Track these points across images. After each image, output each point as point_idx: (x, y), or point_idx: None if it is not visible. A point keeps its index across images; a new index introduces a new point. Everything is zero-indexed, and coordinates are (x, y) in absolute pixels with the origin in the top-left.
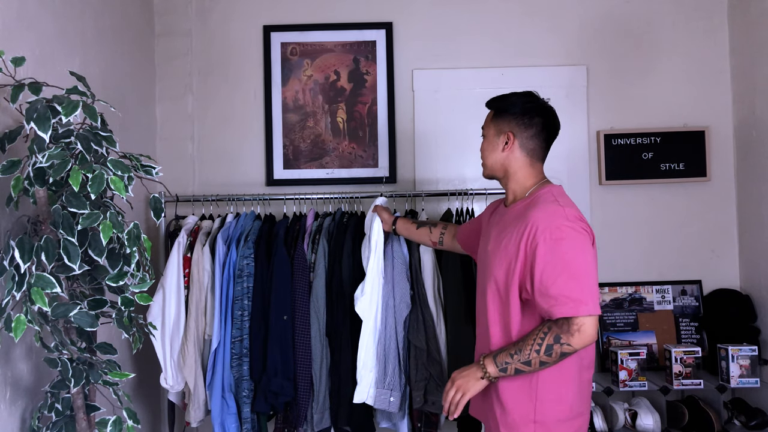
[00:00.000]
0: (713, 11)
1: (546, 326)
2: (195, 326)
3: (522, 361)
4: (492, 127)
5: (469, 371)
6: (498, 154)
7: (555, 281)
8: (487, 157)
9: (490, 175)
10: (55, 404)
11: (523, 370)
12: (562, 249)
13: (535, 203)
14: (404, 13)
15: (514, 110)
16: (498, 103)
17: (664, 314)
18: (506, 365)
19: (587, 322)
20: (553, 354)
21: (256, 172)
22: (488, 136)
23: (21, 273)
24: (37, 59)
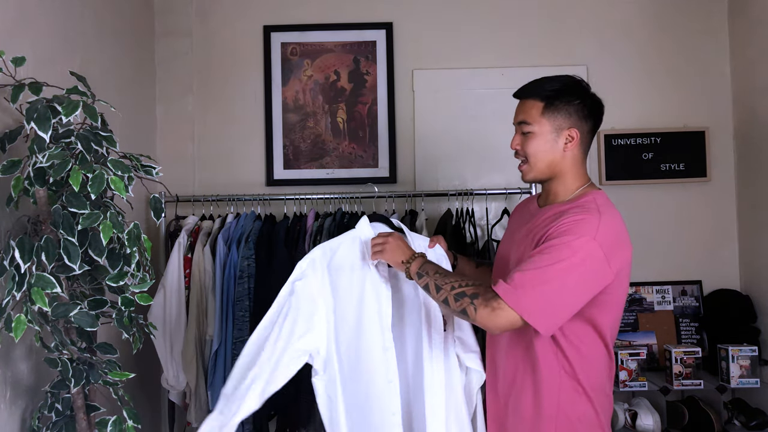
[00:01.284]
0: (713, 12)
1: (482, 285)
2: (196, 326)
3: (436, 284)
4: (546, 122)
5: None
6: (556, 155)
7: (525, 270)
8: (542, 159)
9: (538, 178)
10: (55, 404)
11: (428, 292)
12: (561, 254)
13: (579, 208)
14: (404, 13)
15: (572, 99)
16: (548, 90)
17: (664, 314)
18: (425, 275)
19: (507, 314)
20: (459, 305)
21: (256, 172)
22: (541, 134)
23: (21, 273)
24: (37, 59)
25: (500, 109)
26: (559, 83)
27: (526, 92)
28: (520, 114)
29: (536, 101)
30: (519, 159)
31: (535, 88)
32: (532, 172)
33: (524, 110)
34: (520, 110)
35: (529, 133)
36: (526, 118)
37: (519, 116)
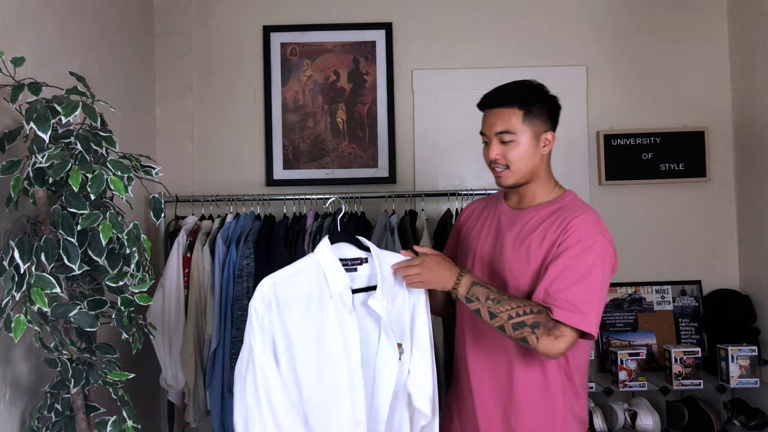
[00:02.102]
0: (713, 11)
1: (537, 307)
2: (195, 326)
3: (490, 311)
4: (527, 129)
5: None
6: (536, 159)
7: (567, 288)
8: (526, 165)
9: (518, 183)
10: (54, 404)
11: (480, 316)
12: (589, 259)
13: (570, 209)
14: (404, 13)
15: (544, 104)
16: (524, 97)
17: (663, 314)
18: (475, 300)
19: (570, 338)
20: (518, 333)
21: (256, 172)
22: (522, 142)
23: (21, 273)
24: (37, 59)
25: None
26: (530, 89)
27: (500, 101)
28: (499, 124)
29: (515, 109)
30: (497, 167)
31: (509, 96)
32: (512, 177)
33: (503, 119)
34: (496, 120)
35: (512, 142)
36: (508, 128)
37: (497, 126)
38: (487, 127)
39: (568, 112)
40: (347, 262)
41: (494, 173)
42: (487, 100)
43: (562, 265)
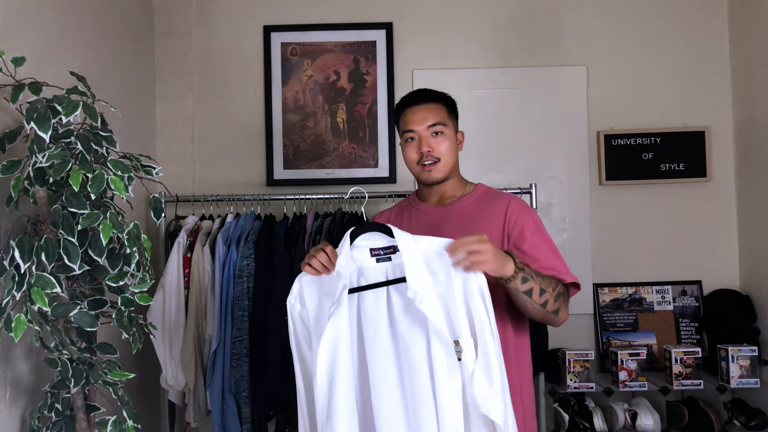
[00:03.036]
0: (713, 11)
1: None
2: (195, 326)
3: (541, 286)
4: (451, 125)
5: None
6: (456, 155)
7: (549, 256)
8: (452, 158)
9: (445, 177)
10: (55, 404)
11: (530, 296)
12: (544, 234)
13: (491, 195)
14: (404, 13)
15: (455, 107)
16: (445, 97)
17: (664, 315)
18: (530, 278)
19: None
20: (557, 304)
21: (256, 172)
22: (450, 135)
23: (21, 273)
24: (37, 59)
25: (500, 109)
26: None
27: (428, 97)
28: (431, 117)
29: (441, 105)
30: (428, 161)
31: (432, 94)
32: (442, 170)
33: (434, 113)
34: (428, 114)
35: (441, 134)
36: (440, 120)
37: (430, 119)
38: (416, 122)
39: (568, 112)
40: (379, 252)
41: (423, 169)
42: (413, 98)
43: (532, 241)
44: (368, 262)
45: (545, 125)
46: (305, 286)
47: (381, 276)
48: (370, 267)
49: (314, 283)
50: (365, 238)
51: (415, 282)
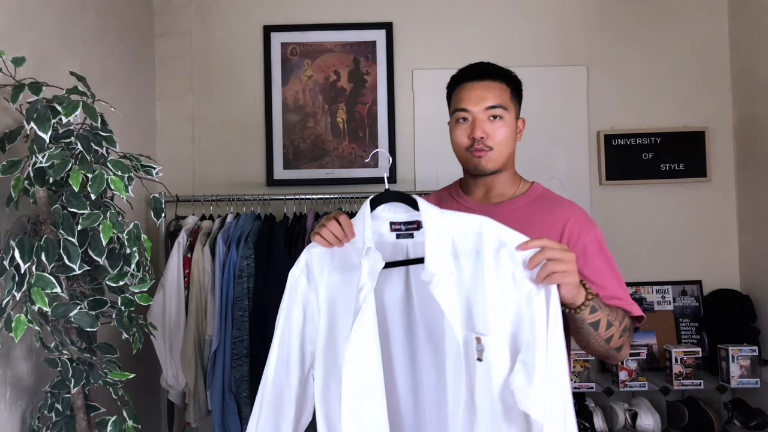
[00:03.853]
0: (713, 11)
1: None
2: (195, 326)
3: (609, 319)
4: (513, 109)
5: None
6: (514, 146)
7: (614, 283)
8: (508, 148)
9: (496, 170)
10: (55, 404)
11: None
12: (608, 255)
13: (549, 200)
14: (404, 13)
15: (521, 89)
16: (511, 76)
17: (664, 314)
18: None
19: None
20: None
21: (256, 172)
22: (509, 122)
23: (21, 273)
24: (37, 59)
25: None
26: (508, 70)
27: (490, 73)
28: (491, 98)
29: (504, 85)
30: (480, 148)
31: (499, 71)
32: (495, 161)
33: (495, 93)
34: (487, 93)
35: (500, 119)
36: (501, 102)
37: (489, 100)
38: (472, 101)
39: (568, 112)
40: (400, 227)
41: (473, 155)
42: (472, 72)
43: (594, 264)
44: (388, 237)
45: (545, 125)
46: (314, 259)
47: (399, 254)
48: (388, 242)
49: (325, 256)
50: (386, 209)
51: (433, 264)
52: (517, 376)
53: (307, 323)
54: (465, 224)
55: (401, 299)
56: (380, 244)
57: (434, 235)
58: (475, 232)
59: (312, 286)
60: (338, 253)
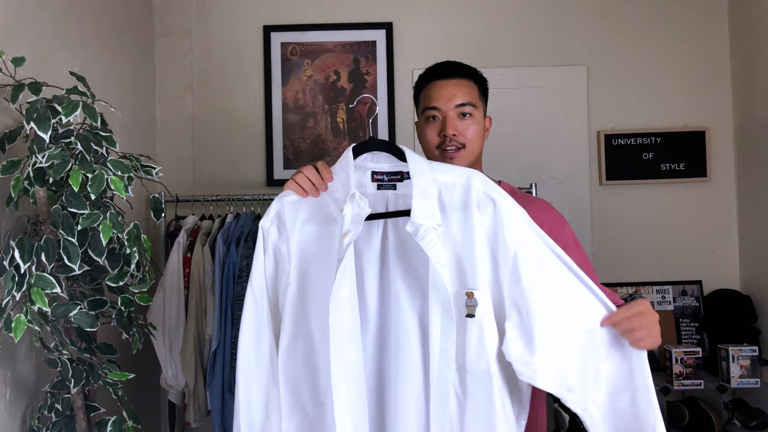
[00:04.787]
0: (713, 11)
1: None
2: (195, 326)
3: None
4: (481, 108)
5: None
6: (482, 143)
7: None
8: (478, 145)
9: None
10: (55, 404)
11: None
12: (582, 247)
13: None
14: (404, 13)
15: (487, 87)
16: (477, 74)
17: (664, 314)
18: None
19: None
20: None
21: (256, 172)
22: (478, 120)
23: (21, 273)
24: (37, 59)
25: (500, 109)
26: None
27: (459, 71)
28: (461, 95)
29: (472, 83)
30: (452, 146)
31: (465, 69)
32: (465, 160)
33: (464, 91)
34: (457, 91)
35: (470, 117)
36: (471, 100)
37: (459, 98)
38: (443, 99)
39: (568, 111)
40: (383, 177)
41: (444, 155)
42: (440, 70)
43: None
44: (368, 188)
45: (545, 125)
46: (287, 208)
47: (379, 206)
48: (368, 194)
49: (298, 205)
50: (369, 158)
51: (419, 214)
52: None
53: (280, 276)
54: (453, 176)
55: (377, 256)
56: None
57: (421, 185)
58: (464, 184)
59: (283, 237)
60: (314, 203)
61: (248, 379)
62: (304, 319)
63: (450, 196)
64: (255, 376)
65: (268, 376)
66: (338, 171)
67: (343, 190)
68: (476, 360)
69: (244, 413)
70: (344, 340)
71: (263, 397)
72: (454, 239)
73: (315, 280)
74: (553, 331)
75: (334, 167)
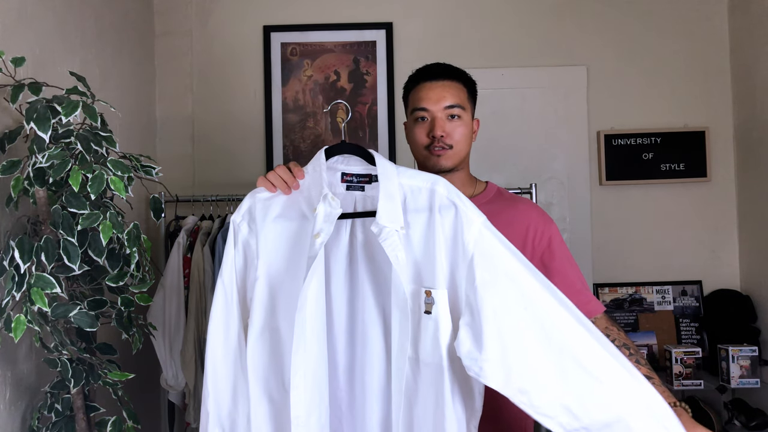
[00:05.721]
0: (713, 11)
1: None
2: (195, 326)
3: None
4: (470, 110)
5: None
6: (470, 145)
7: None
8: (465, 146)
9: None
10: (54, 404)
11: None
12: (566, 247)
13: (507, 199)
14: (404, 13)
15: (475, 89)
16: (466, 76)
17: (664, 315)
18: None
19: None
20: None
21: (256, 172)
22: (466, 122)
23: (21, 273)
24: (37, 59)
25: (500, 109)
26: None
27: (448, 73)
28: (449, 97)
29: (461, 85)
30: (439, 146)
31: (454, 71)
32: (453, 159)
33: (453, 93)
34: (446, 93)
35: (458, 119)
36: (459, 102)
37: (447, 99)
38: (432, 101)
39: (568, 112)
40: (352, 179)
41: (432, 154)
42: (430, 72)
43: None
44: (337, 188)
45: (545, 125)
46: (258, 205)
47: (348, 206)
48: (337, 194)
49: (270, 203)
50: (339, 160)
51: (384, 216)
52: (464, 343)
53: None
54: (419, 181)
55: (345, 254)
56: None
57: (388, 189)
58: (428, 189)
59: (253, 232)
60: (285, 200)
61: (216, 369)
62: (272, 313)
63: (415, 200)
64: (223, 365)
65: (236, 366)
66: (310, 171)
67: (315, 190)
68: (431, 354)
69: (213, 400)
70: (307, 333)
71: (231, 386)
72: (417, 240)
73: (283, 275)
74: (503, 331)
75: (306, 167)
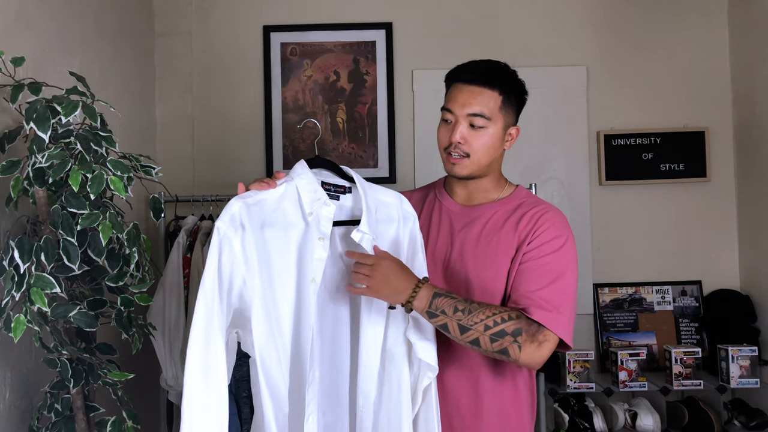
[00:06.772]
0: (713, 11)
1: (514, 312)
2: None
3: (461, 324)
4: (501, 119)
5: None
6: (498, 152)
7: (544, 287)
8: (487, 156)
9: (473, 175)
10: (54, 404)
11: (448, 332)
12: (562, 259)
13: (533, 204)
14: (404, 13)
15: (522, 95)
16: (508, 83)
17: (664, 315)
18: (440, 314)
19: (553, 343)
20: (497, 345)
21: (255, 172)
22: (492, 132)
23: (20, 273)
24: (37, 59)
25: None
26: (510, 74)
27: (481, 79)
28: (475, 105)
29: (495, 93)
30: (456, 153)
31: (491, 76)
32: (469, 168)
33: (481, 101)
34: (472, 99)
35: (482, 129)
36: (484, 112)
37: (472, 107)
38: (457, 105)
39: (568, 112)
40: (329, 188)
41: (448, 158)
42: (465, 73)
43: (537, 264)
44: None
45: (545, 125)
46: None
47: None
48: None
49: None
50: (317, 171)
51: (365, 225)
52: (412, 331)
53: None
54: (387, 197)
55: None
56: None
57: (368, 202)
58: (395, 204)
59: (238, 236)
60: (271, 205)
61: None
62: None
63: (385, 212)
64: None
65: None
66: (294, 176)
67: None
68: (393, 343)
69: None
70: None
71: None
72: (385, 245)
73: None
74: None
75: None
